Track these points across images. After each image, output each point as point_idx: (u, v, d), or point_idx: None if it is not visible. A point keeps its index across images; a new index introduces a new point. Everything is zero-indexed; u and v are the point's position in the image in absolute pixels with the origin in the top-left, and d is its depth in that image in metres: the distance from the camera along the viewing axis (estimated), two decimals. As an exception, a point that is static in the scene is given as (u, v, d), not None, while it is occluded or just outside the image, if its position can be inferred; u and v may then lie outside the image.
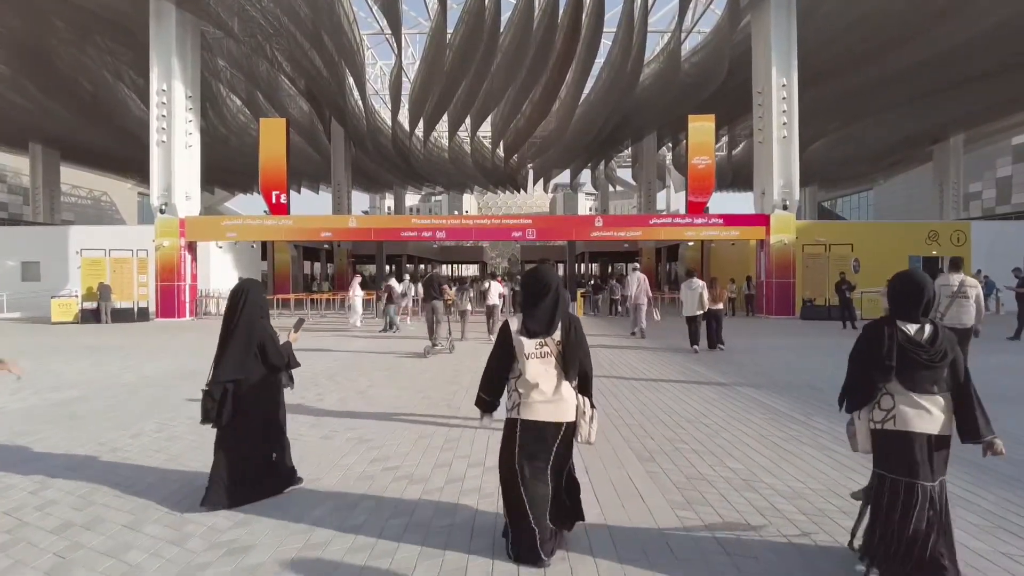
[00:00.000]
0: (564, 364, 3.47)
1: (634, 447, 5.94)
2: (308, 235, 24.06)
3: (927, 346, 3.15)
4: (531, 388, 3.45)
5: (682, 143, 41.61)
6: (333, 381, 9.63)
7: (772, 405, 7.73)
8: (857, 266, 21.53)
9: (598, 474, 5.11)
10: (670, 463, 5.42)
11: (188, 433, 6.44)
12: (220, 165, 41.61)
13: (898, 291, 3.30)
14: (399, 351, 13.42)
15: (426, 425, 6.83)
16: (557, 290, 3.52)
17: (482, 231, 23.57)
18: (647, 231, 23.99)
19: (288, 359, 4.65)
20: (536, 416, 3.45)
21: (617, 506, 4.39)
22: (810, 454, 5.64)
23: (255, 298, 4.51)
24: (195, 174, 23.52)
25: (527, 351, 3.46)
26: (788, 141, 21.97)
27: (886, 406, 3.20)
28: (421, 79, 31.05)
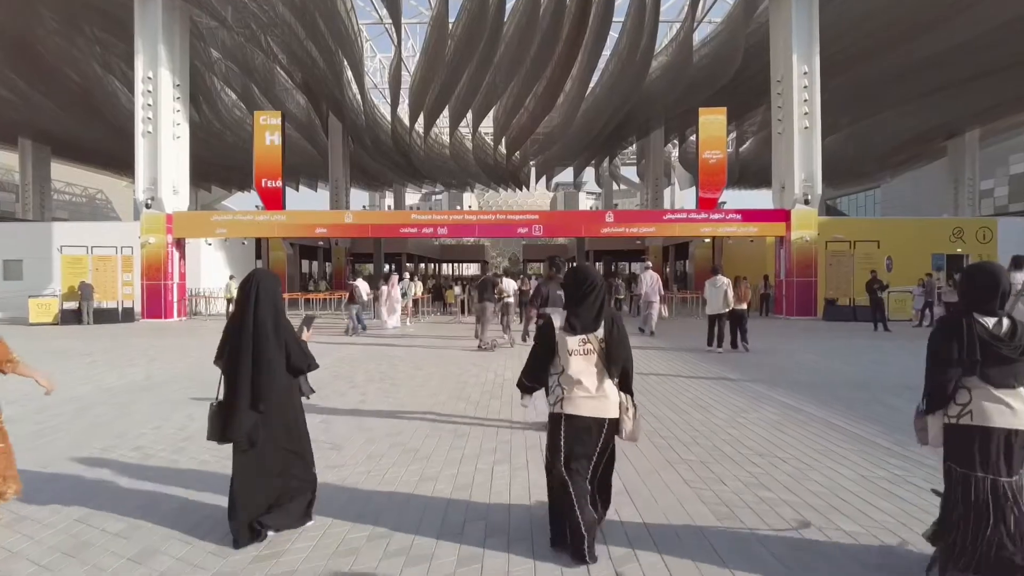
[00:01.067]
0: (607, 361, 3.47)
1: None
2: (302, 232, 22.55)
3: (1007, 340, 2.97)
4: (574, 384, 3.46)
5: (689, 139, 40.36)
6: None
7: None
8: (890, 264, 20.06)
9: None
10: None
11: (99, 496, 4.48)
12: (216, 161, 40.21)
13: (975, 284, 3.11)
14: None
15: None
16: (600, 288, 3.53)
17: (486, 227, 22.07)
18: (661, 227, 22.51)
19: (310, 361, 3.89)
20: (580, 411, 3.46)
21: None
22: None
23: (271, 290, 3.74)
24: (183, 167, 22.03)
25: (570, 347, 3.47)
26: (810, 132, 20.51)
27: (962, 400, 3.04)
28: (421, 71, 29.59)
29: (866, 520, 3.95)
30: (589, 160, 44.69)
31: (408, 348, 13.49)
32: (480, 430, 6.34)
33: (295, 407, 3.84)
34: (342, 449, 5.63)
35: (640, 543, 3.62)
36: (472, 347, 13.37)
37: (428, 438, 5.99)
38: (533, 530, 3.79)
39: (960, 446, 3.04)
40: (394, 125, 34.17)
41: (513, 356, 12.07)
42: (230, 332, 3.68)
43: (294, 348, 3.74)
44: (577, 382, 3.45)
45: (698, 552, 3.52)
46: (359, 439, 5.96)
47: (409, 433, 6.19)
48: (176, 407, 7.47)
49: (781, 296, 21.40)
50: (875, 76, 26.85)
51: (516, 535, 3.75)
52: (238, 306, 3.69)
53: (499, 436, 6.06)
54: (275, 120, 24.52)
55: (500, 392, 8.41)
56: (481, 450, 5.55)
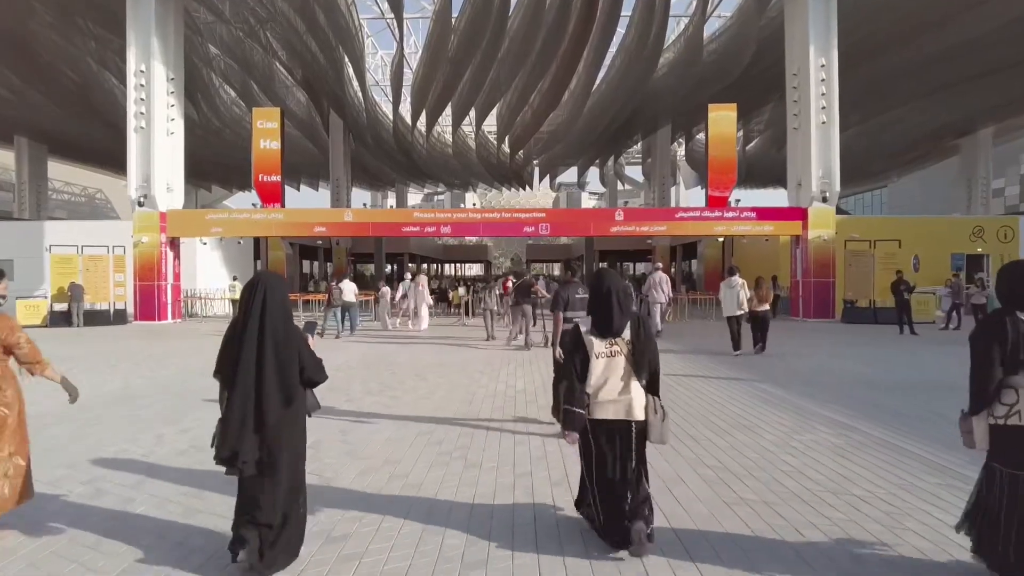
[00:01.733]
0: (635, 363, 3.43)
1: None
2: (301, 231, 21.60)
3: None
4: (599, 388, 3.43)
5: (696, 137, 39.34)
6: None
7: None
8: (917, 264, 19.10)
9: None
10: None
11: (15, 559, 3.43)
12: (216, 160, 39.24)
13: (1015, 282, 3.04)
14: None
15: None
16: (618, 291, 3.48)
17: (490, 225, 21.08)
18: (672, 225, 21.56)
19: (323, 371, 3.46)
20: (605, 415, 3.41)
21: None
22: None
23: (280, 295, 3.29)
24: (178, 164, 21.09)
25: (596, 351, 3.45)
26: (828, 127, 19.56)
27: (1009, 401, 2.94)
28: (424, 67, 28.65)
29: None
30: (593, 159, 43.69)
31: (410, 353, 12.56)
32: (494, 454, 5.41)
33: (302, 424, 3.38)
34: (331, 481, 4.69)
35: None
36: (480, 347, 12.47)
37: (433, 468, 5.05)
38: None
39: (1008, 447, 2.96)
40: (396, 123, 33.21)
41: (523, 363, 11.14)
42: (232, 342, 3.20)
43: (308, 358, 3.28)
44: (602, 385, 3.41)
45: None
46: (351, 470, 5.01)
47: (410, 461, 5.25)
48: (147, 426, 6.55)
49: (797, 297, 20.45)
50: (886, 72, 25.86)
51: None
52: (242, 313, 3.20)
53: (517, 463, 5.11)
54: (274, 116, 23.63)
55: (513, 407, 7.47)
56: (497, 485, 4.60)
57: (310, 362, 3.30)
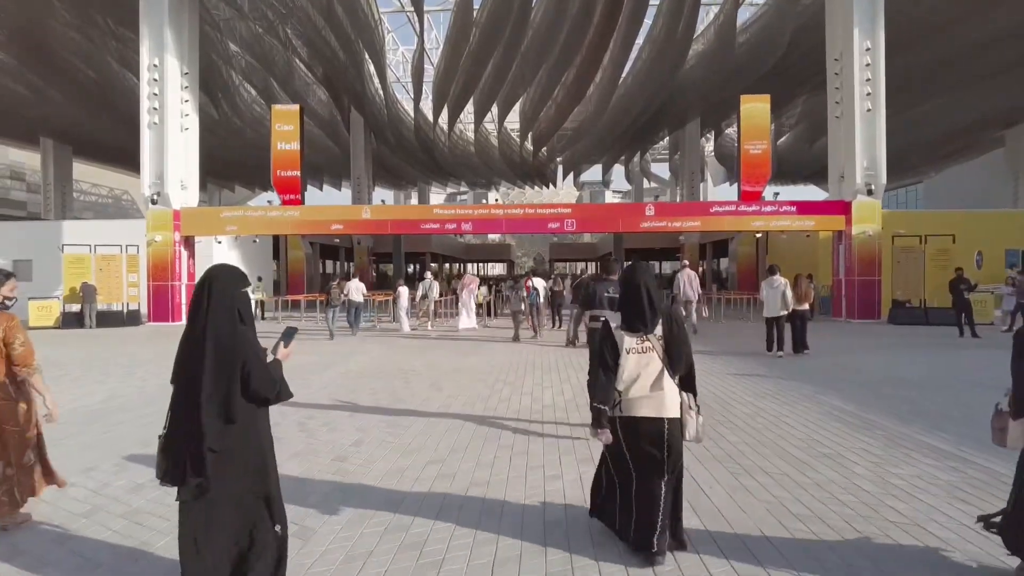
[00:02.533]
0: (668, 359, 3.28)
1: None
2: (317, 228, 20.65)
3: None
4: (630, 384, 3.28)
5: (725, 132, 37.83)
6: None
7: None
8: (980, 261, 17.56)
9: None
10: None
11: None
12: (237, 160, 38.71)
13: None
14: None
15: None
16: (650, 286, 3.33)
17: (514, 222, 19.93)
18: (707, 221, 20.22)
19: (279, 387, 2.76)
20: (637, 412, 3.26)
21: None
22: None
23: (226, 292, 2.68)
24: (193, 161, 20.32)
25: (627, 346, 3.30)
26: (873, 114, 18.11)
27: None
28: (445, 62, 27.65)
29: None
30: (619, 156, 42.25)
31: (428, 358, 11.48)
32: (519, 491, 4.28)
33: (259, 438, 2.78)
34: (308, 540, 3.60)
35: None
36: (502, 349, 11.37)
37: (441, 514, 3.93)
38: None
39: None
40: (417, 120, 32.24)
41: (550, 369, 10.01)
42: (180, 347, 2.72)
43: (256, 368, 2.67)
44: (633, 381, 3.28)
45: None
46: (337, 521, 3.91)
47: (413, 504, 4.14)
48: (110, 450, 5.55)
49: (840, 297, 19.02)
50: (926, 61, 24.20)
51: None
52: (188, 315, 2.77)
53: (547, 512, 3.97)
54: (292, 113, 22.82)
55: (541, 428, 6.33)
56: (523, 551, 3.46)
57: (257, 372, 2.66)
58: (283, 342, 2.99)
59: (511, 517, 3.88)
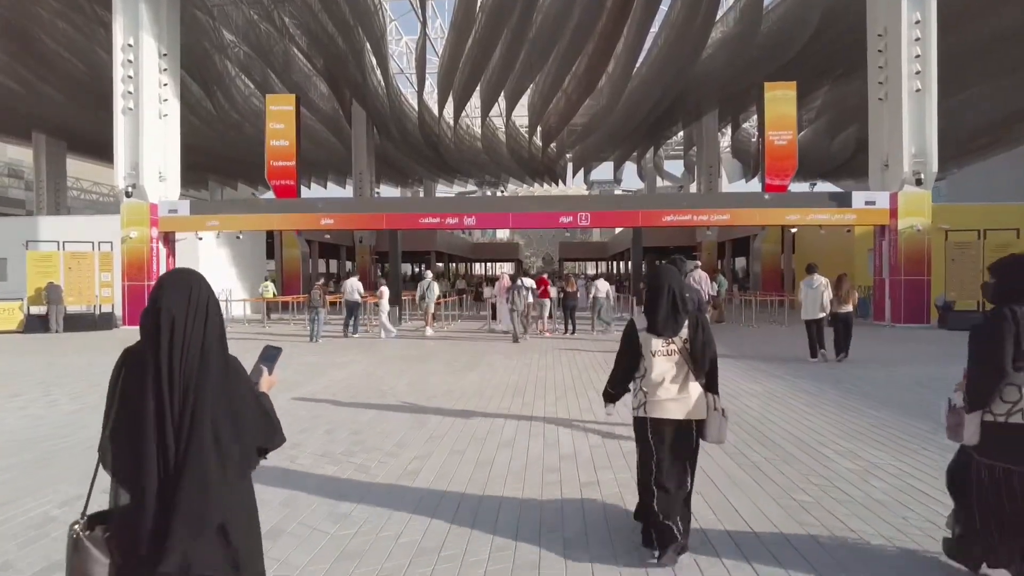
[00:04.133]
0: (693, 362, 3.27)
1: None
2: (306, 223, 18.54)
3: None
4: (657, 386, 3.27)
5: (742, 125, 35.53)
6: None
7: None
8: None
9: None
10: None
11: None
12: (236, 157, 36.66)
13: (1017, 276, 2.89)
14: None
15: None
16: (676, 289, 3.30)
17: (522, 217, 17.74)
18: (737, 213, 17.98)
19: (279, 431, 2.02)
20: (664, 414, 3.26)
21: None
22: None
23: (208, 310, 1.78)
24: (173, 151, 18.32)
25: (654, 349, 3.29)
26: (923, 95, 15.85)
27: (1011, 398, 2.79)
28: (450, 50, 25.60)
29: None
30: (631, 151, 39.92)
31: (414, 374, 9.38)
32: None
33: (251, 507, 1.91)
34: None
35: None
36: (505, 360, 9.26)
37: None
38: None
39: (1007, 445, 2.81)
40: (421, 112, 30.16)
41: (566, 391, 7.89)
42: (126, 396, 1.71)
43: (250, 414, 1.87)
44: (660, 384, 3.26)
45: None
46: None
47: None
48: (19, 499, 3.50)
49: (883, 299, 16.78)
50: (966, 45, 21.85)
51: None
52: (145, 345, 1.71)
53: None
54: (288, 103, 20.87)
55: (560, 506, 4.20)
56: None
57: (253, 418, 1.87)
58: (266, 367, 2.11)
59: None
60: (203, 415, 1.68)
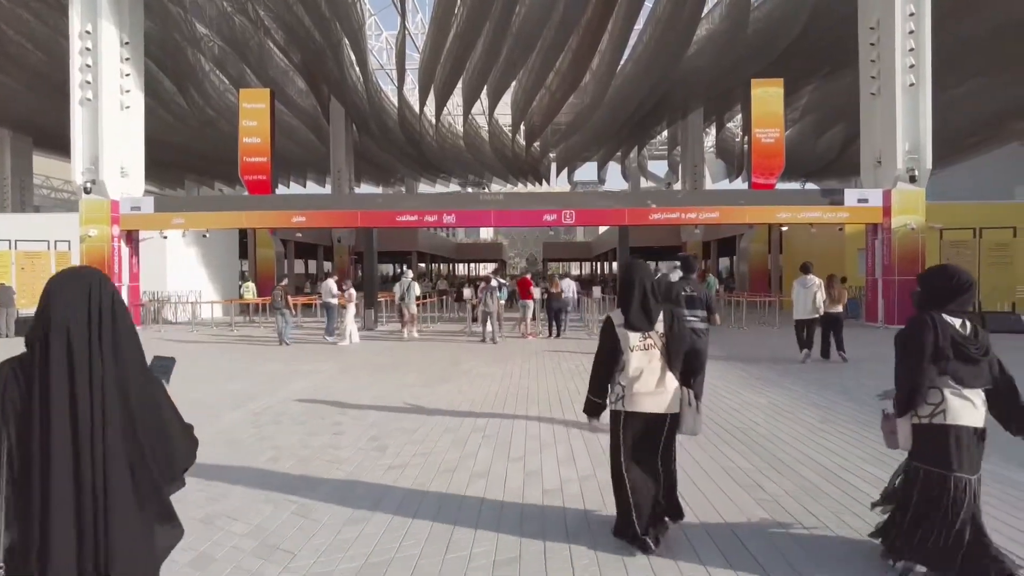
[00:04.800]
0: (668, 356, 3.28)
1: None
2: (277, 221, 17.50)
3: (973, 339, 2.89)
4: (635, 380, 3.24)
5: (726, 125, 34.99)
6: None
7: None
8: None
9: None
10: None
11: None
12: (213, 155, 35.32)
13: (939, 285, 3.00)
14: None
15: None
16: (646, 284, 3.31)
17: (504, 215, 16.85)
18: (726, 212, 17.25)
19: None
20: (641, 408, 3.24)
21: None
22: None
23: (116, 312, 1.58)
24: (136, 145, 17.25)
25: (632, 344, 3.27)
26: (917, 90, 15.25)
27: (933, 400, 2.89)
28: (431, 43, 24.69)
29: None
30: (615, 151, 39.21)
31: (382, 386, 8.48)
32: None
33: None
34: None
35: None
36: (482, 372, 8.39)
37: None
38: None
39: (932, 446, 2.92)
40: (402, 108, 29.17)
41: (549, 406, 7.04)
42: (20, 413, 1.49)
43: (177, 434, 1.70)
44: (637, 378, 3.24)
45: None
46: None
47: None
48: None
49: (875, 299, 16.15)
50: (952, 42, 21.35)
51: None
52: (39, 359, 1.49)
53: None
54: (263, 95, 19.84)
55: (542, 556, 3.34)
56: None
57: (178, 434, 1.70)
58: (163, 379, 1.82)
59: None
60: (117, 447, 1.51)
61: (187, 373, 9.52)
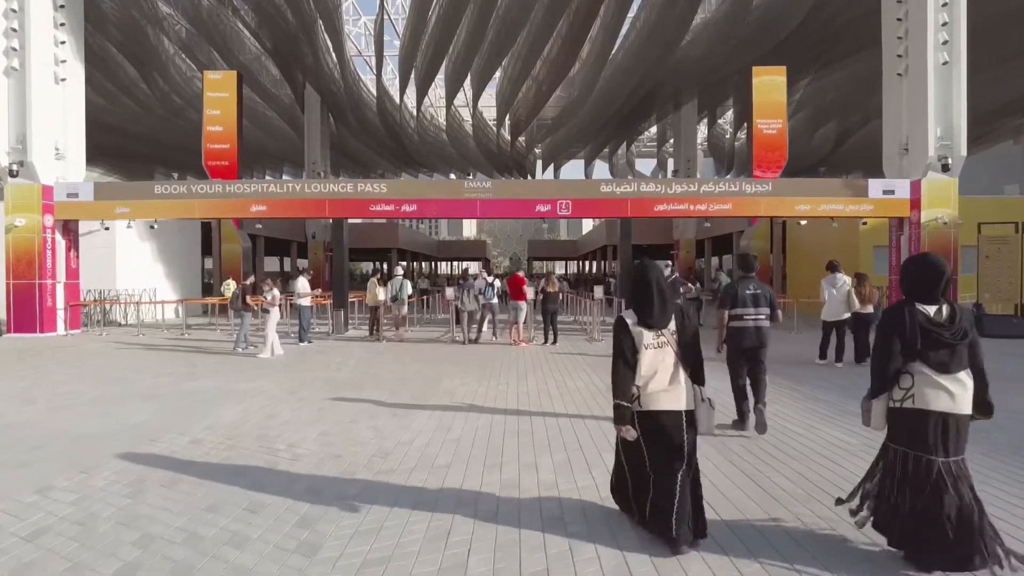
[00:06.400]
0: (681, 354, 3.19)
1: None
2: (233, 210, 15.06)
3: (948, 325, 2.83)
4: (649, 378, 3.15)
5: (718, 121, 33.13)
6: None
7: None
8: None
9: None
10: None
11: None
12: (184, 146, 32.70)
13: (915, 274, 2.96)
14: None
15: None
16: (659, 282, 3.24)
17: (492, 205, 14.64)
18: (740, 203, 15.26)
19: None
20: (657, 406, 3.15)
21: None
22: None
23: None
24: (76, 123, 14.81)
25: (645, 342, 3.18)
26: (951, 68, 13.35)
27: (905, 385, 2.88)
28: (411, 27, 22.48)
29: None
30: (603, 146, 37.12)
31: (343, 410, 6.31)
32: None
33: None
34: None
35: None
36: (479, 384, 6.25)
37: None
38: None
39: (902, 428, 2.92)
40: (380, 97, 26.87)
41: (557, 451, 4.91)
42: None
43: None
44: (652, 376, 3.15)
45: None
46: None
47: None
48: None
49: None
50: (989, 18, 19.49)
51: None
52: None
53: None
54: (229, 79, 17.48)
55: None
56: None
57: None
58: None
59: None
60: None
61: (97, 392, 7.29)
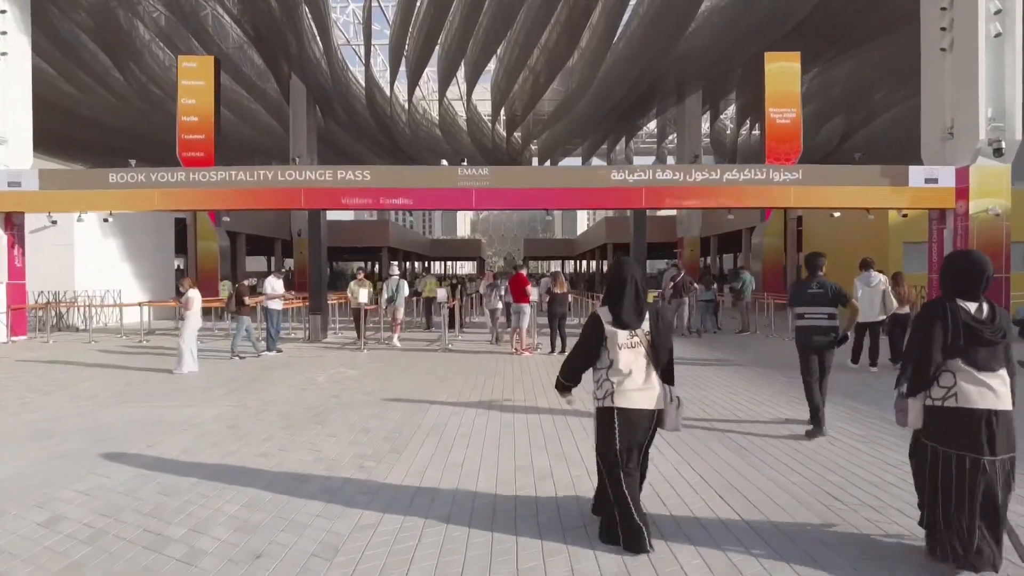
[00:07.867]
0: (654, 353, 3.16)
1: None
2: (199, 202, 13.13)
3: (989, 323, 2.73)
4: (624, 377, 3.12)
5: (720, 116, 31.46)
6: None
7: None
8: None
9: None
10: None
11: None
12: (161, 138, 30.43)
13: (958, 270, 2.84)
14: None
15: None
16: (637, 282, 3.19)
17: (489, 195, 12.80)
18: (762, 194, 13.49)
19: None
20: (631, 404, 3.12)
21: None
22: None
23: None
24: (21, 104, 12.87)
25: (620, 342, 3.14)
26: (1004, 41, 11.63)
27: (946, 383, 2.77)
28: (402, 12, 20.69)
29: None
30: (601, 141, 35.32)
31: (300, 450, 4.47)
32: None
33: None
34: None
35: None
36: (488, 402, 4.44)
37: None
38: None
39: (944, 427, 2.79)
40: (370, 88, 24.99)
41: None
42: None
43: None
44: (627, 375, 3.12)
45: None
46: None
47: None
48: None
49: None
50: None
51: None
52: None
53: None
54: (205, 63, 15.60)
55: None
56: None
57: None
58: None
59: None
60: None
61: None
